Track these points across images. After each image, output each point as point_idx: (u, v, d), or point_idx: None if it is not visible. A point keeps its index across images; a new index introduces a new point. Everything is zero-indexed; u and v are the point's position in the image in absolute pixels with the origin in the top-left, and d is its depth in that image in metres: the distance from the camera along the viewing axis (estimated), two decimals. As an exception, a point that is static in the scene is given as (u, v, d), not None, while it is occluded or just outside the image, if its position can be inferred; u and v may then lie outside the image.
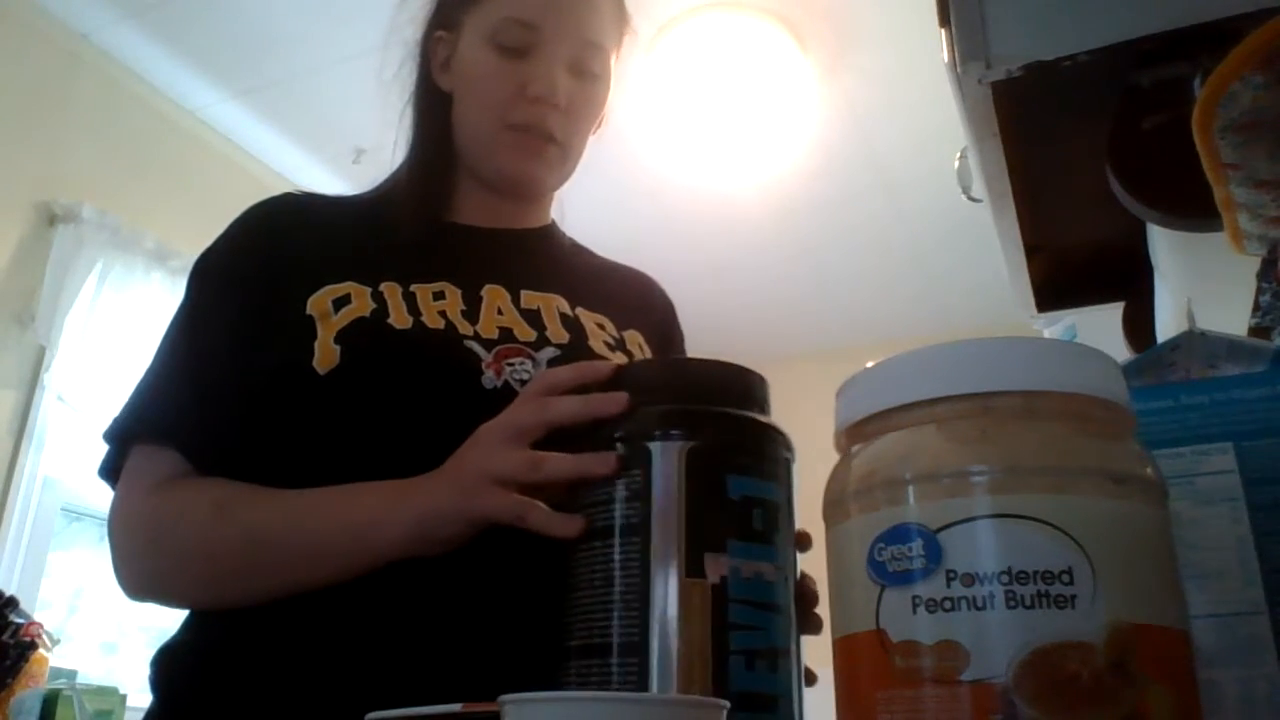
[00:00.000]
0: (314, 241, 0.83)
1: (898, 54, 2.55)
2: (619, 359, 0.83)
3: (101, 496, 0.81)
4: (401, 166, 0.93)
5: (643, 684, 0.53)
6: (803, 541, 0.63)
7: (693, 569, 0.54)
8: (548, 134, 0.86)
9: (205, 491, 0.73)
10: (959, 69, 0.81)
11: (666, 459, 0.57)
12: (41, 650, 1.76)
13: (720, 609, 0.53)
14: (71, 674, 1.88)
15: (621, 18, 0.95)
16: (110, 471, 0.80)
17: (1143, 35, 0.76)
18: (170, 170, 2.75)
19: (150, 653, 0.76)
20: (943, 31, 0.84)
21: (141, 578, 0.75)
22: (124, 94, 2.65)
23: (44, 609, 2.21)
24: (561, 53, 0.86)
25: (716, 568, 0.54)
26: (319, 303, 0.76)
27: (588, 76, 0.88)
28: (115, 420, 0.79)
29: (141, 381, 0.80)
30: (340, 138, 2.86)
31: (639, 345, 0.88)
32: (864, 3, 2.41)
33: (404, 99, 0.95)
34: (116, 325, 2.44)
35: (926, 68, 2.43)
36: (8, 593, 1.79)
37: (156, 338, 0.84)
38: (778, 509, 0.58)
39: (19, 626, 1.74)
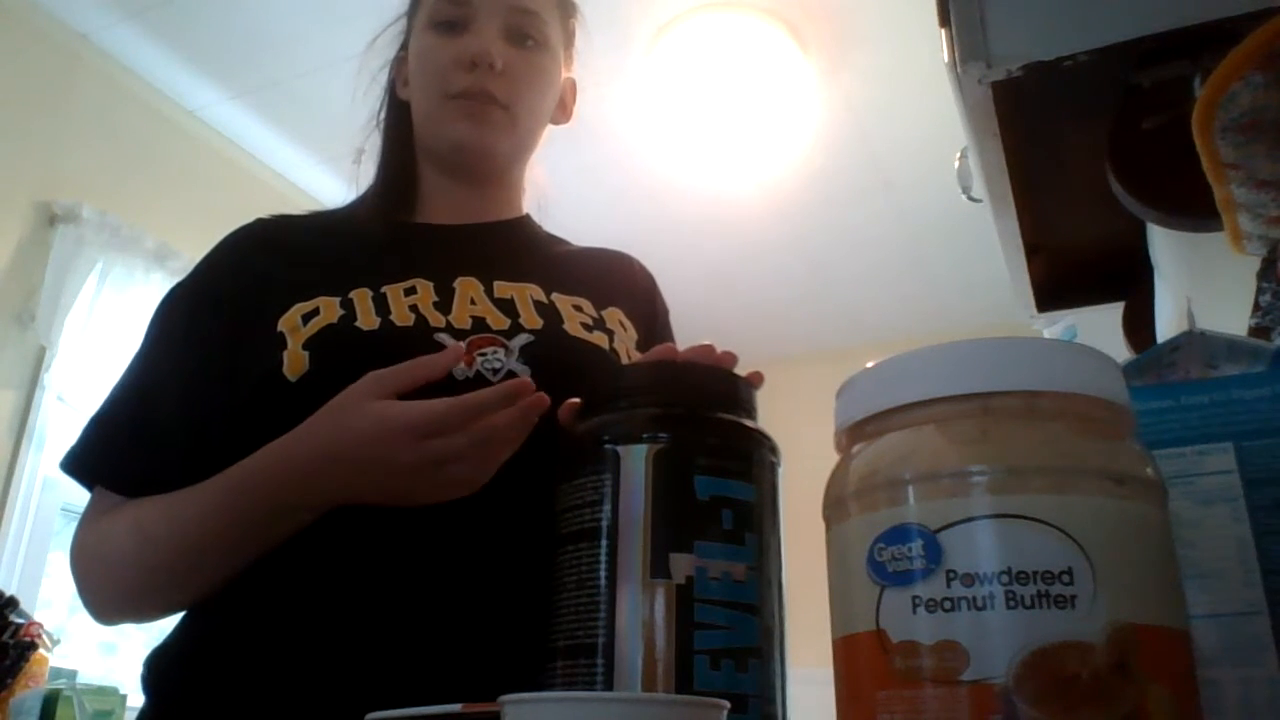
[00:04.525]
0: (282, 265, 0.84)
1: (898, 54, 2.55)
2: (598, 338, 0.83)
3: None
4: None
5: (607, 685, 0.53)
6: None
7: (657, 569, 0.54)
8: (489, 96, 0.87)
9: (127, 513, 0.76)
10: (959, 69, 0.81)
11: (635, 462, 0.57)
12: (41, 650, 1.76)
13: (685, 609, 0.54)
14: (71, 674, 1.88)
15: None
16: None
17: (1143, 35, 0.77)
18: (170, 170, 2.75)
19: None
20: (943, 31, 0.84)
21: (101, 605, 0.78)
22: (124, 94, 2.65)
23: (44, 609, 2.21)
24: (494, 21, 0.89)
25: (682, 568, 0.54)
26: (289, 320, 0.77)
27: (525, 42, 0.90)
28: (69, 453, 0.81)
29: (94, 416, 0.82)
30: (340, 138, 2.84)
31: (619, 322, 0.88)
32: (864, 3, 2.41)
33: (372, 122, 0.99)
34: (116, 325, 2.44)
35: (926, 68, 2.44)
36: (8, 593, 1.78)
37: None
38: (752, 509, 0.58)
39: (19, 626, 1.73)
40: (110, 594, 0.77)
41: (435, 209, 0.93)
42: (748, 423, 0.61)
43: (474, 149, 0.89)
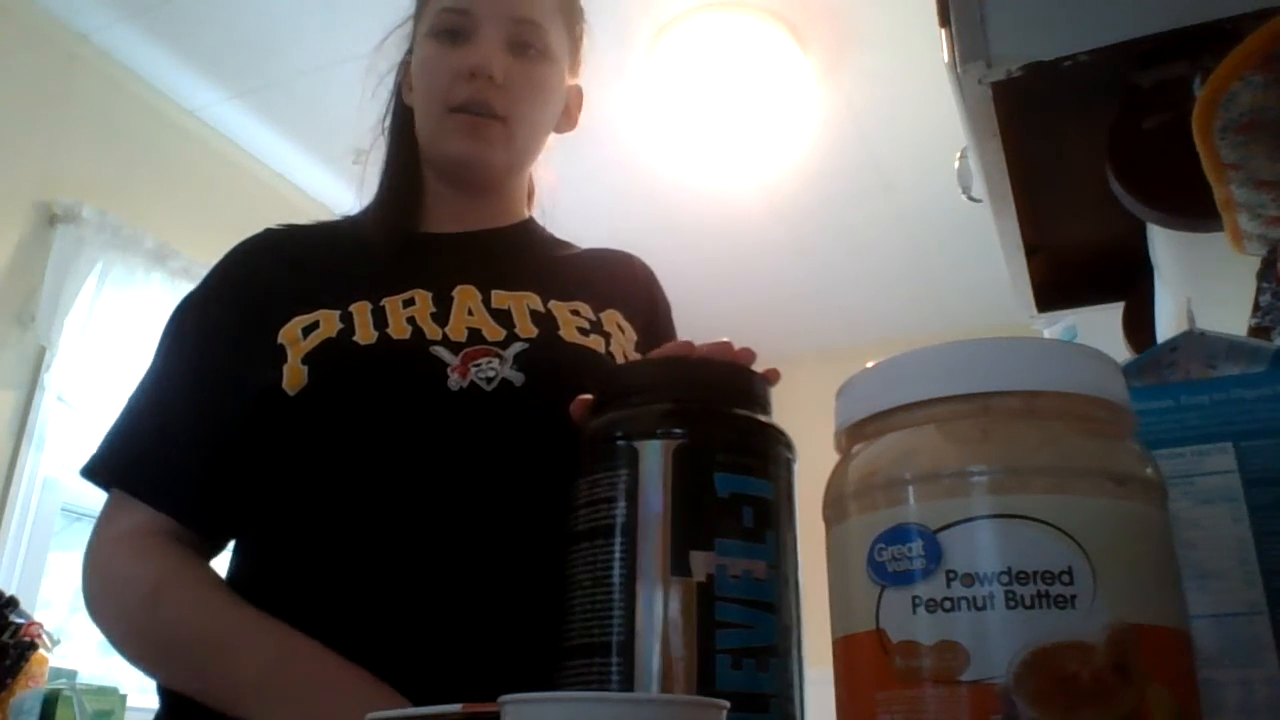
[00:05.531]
0: (287, 276, 0.84)
1: (898, 54, 2.55)
2: (595, 342, 0.83)
3: (102, 497, 0.81)
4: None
5: (626, 684, 0.53)
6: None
7: (678, 567, 0.54)
8: (488, 110, 0.86)
9: (148, 573, 0.74)
10: (959, 69, 0.81)
11: (654, 458, 0.56)
12: (41, 650, 1.76)
13: (706, 607, 0.53)
14: (71, 674, 1.88)
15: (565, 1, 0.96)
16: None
17: (1143, 35, 0.76)
18: (170, 170, 2.75)
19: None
20: (943, 31, 0.84)
21: (95, 621, 0.78)
22: (124, 94, 2.65)
23: (44, 609, 2.20)
24: (496, 31, 0.88)
25: (703, 566, 0.54)
26: (289, 332, 0.77)
27: (527, 53, 0.89)
28: (91, 459, 0.81)
29: (116, 422, 0.82)
30: (340, 138, 2.86)
31: (617, 325, 0.88)
32: (864, 3, 2.41)
33: (377, 126, 0.98)
34: (116, 325, 2.44)
35: (926, 68, 2.44)
36: (8, 593, 1.78)
37: (155, 339, 0.86)
38: (770, 507, 0.57)
39: (19, 626, 1.73)
40: (113, 639, 0.77)
41: (438, 217, 0.93)
42: (765, 419, 0.61)
43: (472, 164, 0.89)
